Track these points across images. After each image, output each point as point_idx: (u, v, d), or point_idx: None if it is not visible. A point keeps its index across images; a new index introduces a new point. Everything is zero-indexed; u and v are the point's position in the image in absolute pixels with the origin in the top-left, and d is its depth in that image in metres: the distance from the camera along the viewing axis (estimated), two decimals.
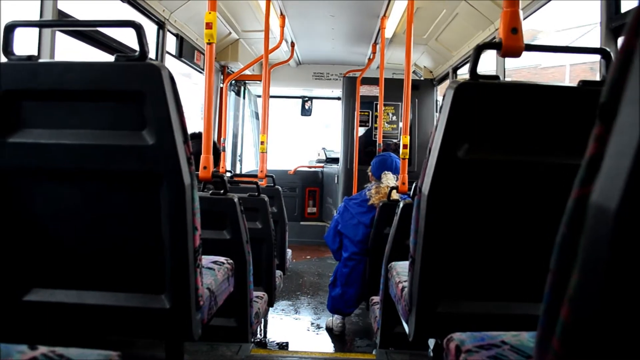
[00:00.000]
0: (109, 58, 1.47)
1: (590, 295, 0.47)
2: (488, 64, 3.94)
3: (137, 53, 1.45)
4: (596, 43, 2.75)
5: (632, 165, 0.43)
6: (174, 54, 4.63)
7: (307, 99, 7.99)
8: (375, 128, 6.15)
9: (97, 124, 1.47)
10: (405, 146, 3.30)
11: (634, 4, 0.50)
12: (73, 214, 1.52)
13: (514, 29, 1.53)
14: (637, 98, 0.45)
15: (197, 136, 3.17)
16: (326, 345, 3.76)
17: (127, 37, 3.61)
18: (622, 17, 2.52)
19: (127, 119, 1.45)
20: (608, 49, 1.67)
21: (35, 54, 1.50)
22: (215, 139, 3.87)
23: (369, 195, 3.61)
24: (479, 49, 1.51)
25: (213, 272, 1.87)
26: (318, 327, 4.06)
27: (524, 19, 2.14)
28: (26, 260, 1.52)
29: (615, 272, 0.45)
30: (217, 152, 3.74)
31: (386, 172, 3.67)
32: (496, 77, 1.52)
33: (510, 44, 1.54)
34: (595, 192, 0.49)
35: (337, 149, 7.46)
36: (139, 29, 1.46)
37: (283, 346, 3.64)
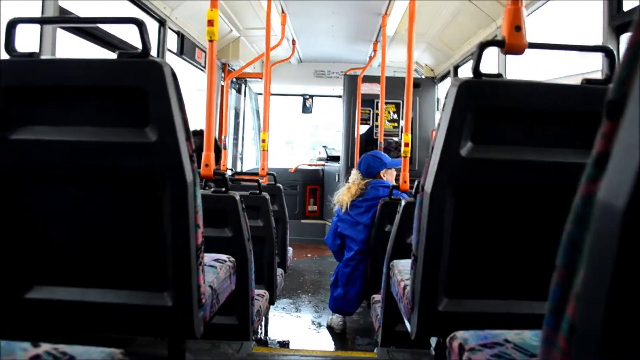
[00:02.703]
0: (111, 55, 1.46)
1: (597, 292, 0.47)
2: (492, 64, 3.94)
3: (139, 50, 1.44)
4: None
5: None
6: (175, 51, 4.63)
7: (308, 96, 7.99)
8: (377, 126, 6.14)
9: (99, 121, 1.47)
10: (406, 144, 3.30)
11: (636, 2, 0.49)
12: (74, 211, 1.51)
13: (517, 27, 1.53)
14: None
15: (198, 133, 3.16)
16: (327, 343, 3.76)
17: (128, 35, 3.61)
18: (624, 15, 2.51)
19: (129, 116, 1.45)
20: (610, 47, 1.67)
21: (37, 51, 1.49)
22: (217, 137, 3.86)
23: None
24: (482, 47, 1.51)
25: (215, 269, 1.87)
26: (319, 325, 4.06)
27: (527, 16, 2.14)
28: (28, 257, 1.52)
29: (622, 269, 0.45)
30: (218, 150, 3.73)
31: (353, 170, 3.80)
32: (499, 75, 1.51)
33: (513, 42, 1.53)
34: (603, 189, 0.48)
35: (337, 147, 7.46)
36: (141, 26, 1.46)
37: (284, 344, 3.64)
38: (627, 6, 2.56)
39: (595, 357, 0.47)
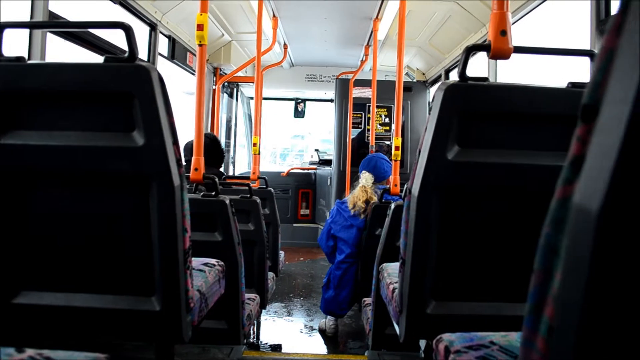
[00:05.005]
0: (100, 59, 1.46)
1: (574, 294, 0.47)
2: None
3: (126, 54, 1.44)
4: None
5: (614, 166, 0.44)
6: (166, 55, 4.62)
7: (299, 100, 7.99)
8: (368, 130, 6.15)
9: (86, 125, 1.46)
10: (397, 148, 3.30)
11: None
12: (62, 216, 1.51)
13: (503, 31, 1.54)
14: (619, 98, 0.45)
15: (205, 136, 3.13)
16: (319, 347, 3.75)
17: (118, 39, 3.60)
18: None
19: (116, 121, 1.45)
20: (596, 51, 1.68)
21: (25, 55, 1.48)
22: (217, 138, 3.84)
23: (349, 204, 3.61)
24: (468, 51, 1.52)
25: (204, 274, 1.87)
26: (311, 329, 4.05)
27: (514, 22, 2.16)
28: (15, 262, 1.51)
29: (598, 271, 0.45)
30: (221, 154, 3.70)
31: (364, 171, 3.67)
32: (485, 78, 1.52)
33: (499, 46, 1.55)
34: (578, 192, 0.49)
35: (329, 151, 7.46)
36: (128, 30, 1.45)
37: (276, 348, 3.63)
38: (615, 9, 2.58)
39: (572, 358, 0.47)
